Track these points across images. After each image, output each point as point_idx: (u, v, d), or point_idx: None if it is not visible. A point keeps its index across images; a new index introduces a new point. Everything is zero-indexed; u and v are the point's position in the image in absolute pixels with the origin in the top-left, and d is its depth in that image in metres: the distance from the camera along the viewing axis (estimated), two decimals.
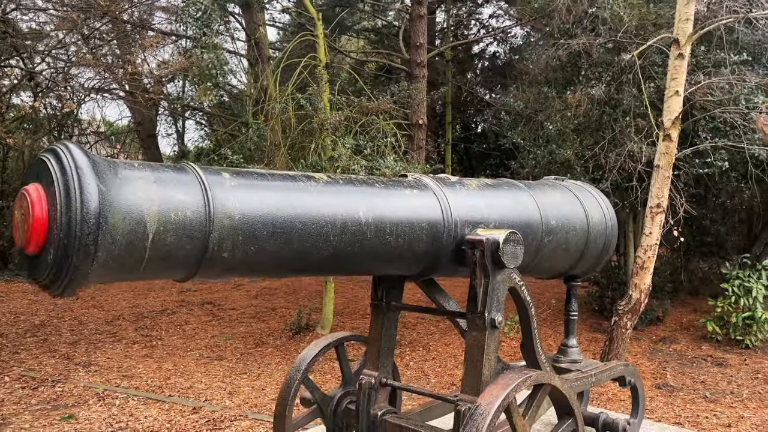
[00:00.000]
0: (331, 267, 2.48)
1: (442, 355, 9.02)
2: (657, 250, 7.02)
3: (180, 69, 12.09)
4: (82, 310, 11.71)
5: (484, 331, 2.66)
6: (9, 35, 9.05)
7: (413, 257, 2.67)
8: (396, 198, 2.62)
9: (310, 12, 9.17)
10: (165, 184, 1.89)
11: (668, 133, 6.48)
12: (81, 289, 1.99)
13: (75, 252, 1.64)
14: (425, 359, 8.85)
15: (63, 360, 8.46)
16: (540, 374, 2.55)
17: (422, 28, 12.66)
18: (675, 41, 6.31)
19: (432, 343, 9.65)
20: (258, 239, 2.07)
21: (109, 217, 1.69)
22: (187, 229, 1.88)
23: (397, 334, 3.18)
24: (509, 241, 2.68)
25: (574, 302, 3.80)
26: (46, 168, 1.72)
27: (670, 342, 9.27)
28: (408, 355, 8.99)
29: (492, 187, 3.16)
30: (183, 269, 1.98)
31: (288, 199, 2.20)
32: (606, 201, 3.71)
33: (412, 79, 12.13)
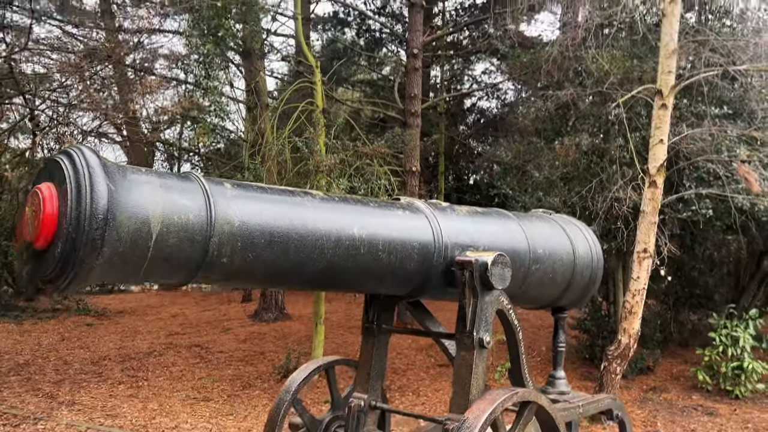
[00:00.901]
0: (324, 280, 2.56)
1: (432, 400, 8.93)
2: (645, 294, 7.10)
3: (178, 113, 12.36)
4: (67, 350, 11.56)
5: (473, 350, 2.73)
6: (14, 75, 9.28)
7: (404, 276, 2.75)
8: (389, 217, 2.72)
9: (309, 60, 9.48)
10: (170, 189, 1.99)
11: (654, 179, 6.67)
12: (83, 288, 2.05)
13: (82, 245, 1.72)
14: (415, 404, 8.76)
15: (46, 398, 8.32)
16: (527, 392, 2.61)
17: (417, 80, 13.07)
18: (658, 92, 6.58)
19: (422, 388, 9.56)
20: (256, 247, 2.16)
21: (116, 215, 1.78)
22: (188, 231, 1.97)
23: (387, 358, 3.23)
24: (497, 263, 2.77)
25: (561, 334, 3.86)
26: (59, 168, 1.82)
27: (660, 391, 9.23)
28: (398, 400, 8.90)
29: (481, 214, 3.28)
30: (182, 272, 2.05)
31: (286, 211, 2.30)
32: (592, 235, 3.83)
33: (406, 128, 12.43)
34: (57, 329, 13.64)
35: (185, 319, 15.75)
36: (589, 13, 7.75)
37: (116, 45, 14.00)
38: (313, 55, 11.32)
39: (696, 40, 7.26)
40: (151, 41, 16.24)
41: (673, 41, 6.48)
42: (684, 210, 7.66)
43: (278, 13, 17.79)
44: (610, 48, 8.09)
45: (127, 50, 14.59)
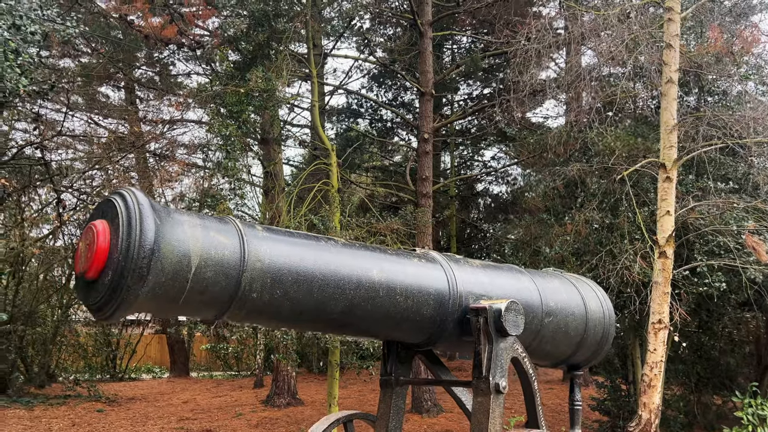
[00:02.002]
0: (345, 322, 2.68)
1: None
2: (663, 367, 7.03)
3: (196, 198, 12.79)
4: None
5: (489, 396, 2.79)
6: (45, 161, 9.79)
7: (421, 321, 2.87)
8: (406, 265, 2.88)
9: (325, 143, 9.93)
10: (208, 228, 2.18)
11: (663, 250, 6.79)
12: (126, 315, 2.20)
13: (130, 273, 1.90)
14: None
15: None
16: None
17: (428, 162, 13.50)
18: (662, 166, 6.83)
19: None
20: (283, 284, 2.32)
21: (161, 247, 1.97)
22: (224, 266, 2.14)
23: (404, 411, 3.28)
24: (510, 309, 2.89)
25: (577, 392, 3.88)
26: (113, 206, 2.03)
27: None
28: None
29: (494, 267, 3.42)
30: (217, 305, 2.20)
31: (310, 253, 2.47)
32: (603, 293, 3.93)
33: (418, 209, 12.75)
34: (68, 415, 13.48)
35: (196, 405, 15.50)
36: (592, 98, 8.17)
37: (139, 135, 14.74)
38: (328, 138, 11.85)
39: (696, 116, 7.59)
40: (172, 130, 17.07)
41: (672, 118, 6.80)
42: (698, 284, 7.70)
43: (295, 105, 18.73)
44: (614, 127, 8.45)
45: (149, 139, 15.31)
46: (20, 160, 10.72)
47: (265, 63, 8.93)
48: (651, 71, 8.32)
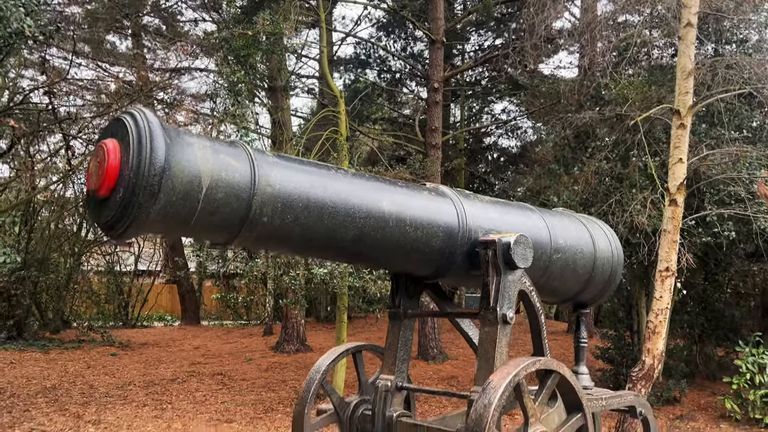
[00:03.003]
0: (355, 252, 2.70)
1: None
2: (668, 314, 7.08)
3: None
4: (93, 376, 11.70)
5: (496, 326, 2.82)
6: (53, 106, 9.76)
7: (430, 253, 2.88)
8: (416, 197, 2.88)
9: (334, 90, 9.81)
10: (219, 151, 2.18)
11: (674, 198, 6.75)
12: (138, 237, 2.22)
13: (141, 190, 1.91)
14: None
15: (73, 418, 8.44)
16: (550, 360, 2.69)
17: (437, 113, 13.36)
18: (676, 112, 6.72)
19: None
20: (294, 209, 2.32)
21: (171, 166, 1.97)
22: (234, 188, 2.15)
23: (412, 342, 3.33)
24: (519, 242, 2.90)
25: (584, 330, 3.92)
26: (123, 125, 2.03)
27: (688, 419, 9.06)
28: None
29: (504, 204, 3.42)
30: (227, 228, 2.21)
31: (321, 180, 2.47)
32: (612, 232, 3.93)
33: (426, 160, 12.68)
34: (82, 358, 13.83)
35: (207, 351, 15.85)
36: (608, 41, 7.98)
37: (146, 83, 14.61)
38: (336, 87, 11.71)
39: (714, 59, 7.42)
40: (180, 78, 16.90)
41: (690, 62, 6.65)
42: (706, 233, 7.68)
43: (302, 55, 18.46)
44: (628, 76, 8.30)
45: (156, 86, 15.19)
46: (28, 106, 10.69)
47: (272, 6, 8.75)
48: (669, 18, 8.11)
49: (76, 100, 16.01)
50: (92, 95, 17.17)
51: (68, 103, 13.77)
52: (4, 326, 15.16)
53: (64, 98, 14.06)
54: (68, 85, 14.29)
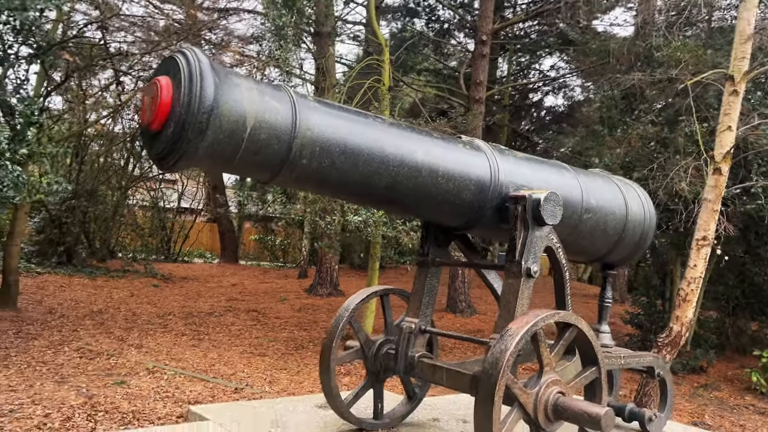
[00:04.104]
0: (389, 198, 2.81)
1: None
2: (701, 283, 7.05)
3: None
4: (136, 304, 12.30)
5: (520, 278, 2.91)
6: (105, 40, 9.97)
7: (461, 205, 2.97)
8: (451, 150, 2.95)
9: (379, 38, 9.76)
10: (264, 93, 2.29)
11: (719, 166, 6.62)
12: (188, 169, 2.38)
13: (191, 126, 2.04)
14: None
15: (117, 340, 8.96)
16: (569, 314, 2.78)
17: (483, 66, 13.16)
18: (730, 78, 6.52)
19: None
20: (331, 154, 2.43)
21: (220, 105, 2.09)
22: (277, 130, 2.26)
23: (437, 289, 3.47)
24: (549, 200, 2.96)
25: (609, 290, 3.99)
26: (176, 63, 2.14)
27: (712, 389, 9.09)
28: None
29: (539, 161, 3.47)
30: (268, 168, 2.34)
31: (359, 128, 2.57)
32: (647, 197, 3.94)
33: (469, 114, 12.57)
34: (126, 287, 14.49)
35: (244, 288, 16.40)
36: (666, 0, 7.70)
37: (195, 21, 14.71)
38: (382, 35, 11.58)
39: None
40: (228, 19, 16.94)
41: (749, 26, 6.40)
42: (749, 202, 7.52)
43: (350, 0, 18.23)
44: (684, 38, 8.02)
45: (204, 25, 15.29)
46: (81, 41, 10.94)
47: None
48: None
49: (127, 37, 16.25)
50: (143, 32, 17.39)
51: (119, 39, 14.02)
52: (55, 252, 15.94)
53: (115, 34, 14.30)
54: (120, 21, 14.51)
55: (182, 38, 13.75)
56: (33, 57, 8.68)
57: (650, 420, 3.95)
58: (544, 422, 2.63)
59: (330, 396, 3.37)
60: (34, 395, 5.99)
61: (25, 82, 8.37)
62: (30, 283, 13.08)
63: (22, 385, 6.34)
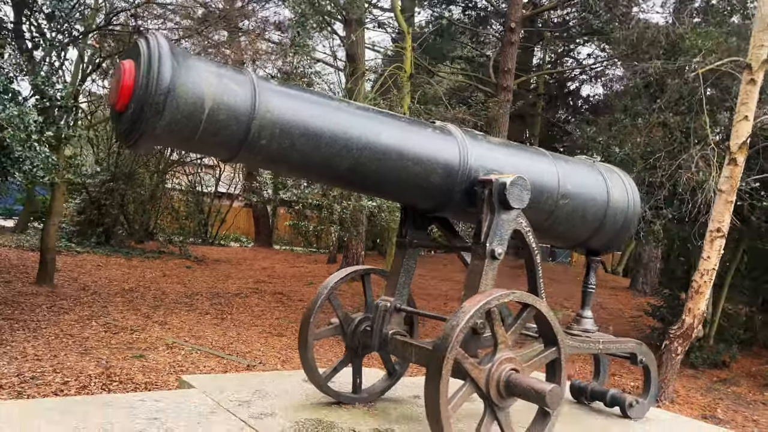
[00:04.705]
0: (353, 180, 2.93)
1: None
2: (714, 275, 6.95)
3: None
4: (166, 284, 12.75)
5: (485, 259, 3.00)
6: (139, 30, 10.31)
7: (429, 188, 3.06)
8: (419, 134, 3.04)
9: (401, 25, 9.82)
10: (223, 76, 2.43)
11: (734, 157, 6.50)
12: (149, 148, 2.55)
13: (149, 106, 2.20)
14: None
15: (143, 317, 9.35)
16: (525, 294, 2.86)
17: (512, 54, 13.06)
18: (748, 66, 6.37)
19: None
20: (291, 136, 2.56)
21: (177, 86, 2.24)
22: (235, 112, 2.40)
23: (415, 270, 3.57)
24: (516, 184, 3.02)
25: (592, 276, 4.01)
26: (137, 48, 2.31)
27: (730, 384, 8.94)
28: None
29: (515, 147, 3.52)
30: (228, 147, 2.49)
31: (322, 111, 2.68)
32: (632, 183, 3.95)
33: (496, 102, 12.51)
34: (160, 267, 15.02)
35: (273, 272, 16.78)
36: None
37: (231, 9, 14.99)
38: (413, 31, 11.60)
39: None
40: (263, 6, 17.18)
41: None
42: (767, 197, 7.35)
43: None
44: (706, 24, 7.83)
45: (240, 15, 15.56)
46: (115, 27, 11.33)
47: None
48: None
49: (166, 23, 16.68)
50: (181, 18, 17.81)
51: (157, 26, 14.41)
52: (94, 232, 16.61)
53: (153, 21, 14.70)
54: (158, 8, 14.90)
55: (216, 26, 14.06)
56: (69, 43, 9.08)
57: (631, 406, 3.99)
58: (497, 397, 2.72)
59: (308, 369, 3.53)
60: (57, 364, 6.36)
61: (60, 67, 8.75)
62: (69, 261, 13.69)
63: (48, 354, 6.73)
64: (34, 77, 6.88)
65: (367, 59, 16.83)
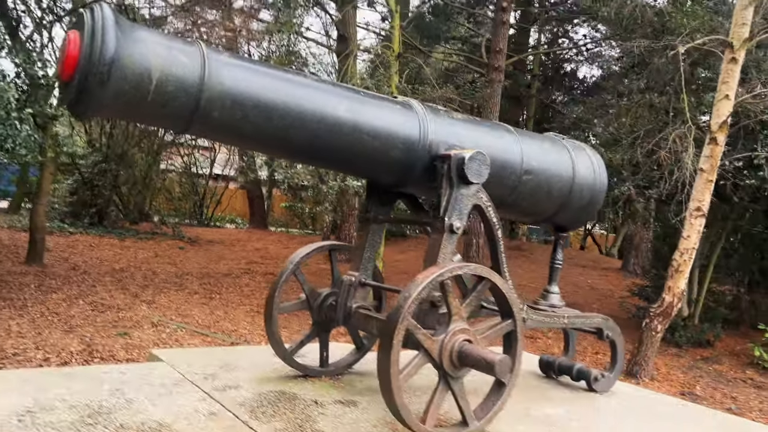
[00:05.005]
0: (310, 153, 2.95)
1: None
2: (694, 254, 6.98)
3: None
4: (157, 264, 12.80)
5: (443, 233, 3.02)
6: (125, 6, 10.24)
7: (389, 163, 3.07)
8: (379, 108, 3.04)
9: (390, 4, 9.75)
10: (173, 48, 2.43)
11: (714, 136, 6.50)
12: (97, 115, 2.56)
13: (93, 77, 2.21)
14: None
15: (131, 296, 9.41)
16: (479, 267, 2.89)
17: (504, 34, 12.94)
18: (729, 45, 6.35)
19: None
20: (243, 107, 2.57)
21: (121, 57, 2.25)
22: (184, 83, 2.41)
23: (379, 246, 3.60)
24: (475, 159, 3.04)
25: (560, 252, 4.05)
26: (82, 18, 2.31)
27: (712, 362, 9.02)
28: None
29: (478, 123, 3.53)
30: (179, 119, 2.50)
31: (275, 83, 2.69)
32: (599, 160, 3.96)
33: (487, 83, 12.45)
34: (153, 248, 15.06)
35: (266, 253, 16.83)
36: None
37: None
38: (410, 14, 11.48)
39: None
40: None
41: None
42: (753, 176, 7.34)
43: None
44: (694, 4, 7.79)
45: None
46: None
47: None
48: None
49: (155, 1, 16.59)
50: None
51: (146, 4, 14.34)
52: (87, 213, 16.62)
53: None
54: None
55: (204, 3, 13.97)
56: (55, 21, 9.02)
57: (596, 379, 4.05)
58: (450, 368, 2.76)
59: (273, 343, 3.58)
60: (40, 341, 6.42)
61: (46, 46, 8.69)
62: (62, 242, 13.73)
63: (32, 332, 6.79)
64: (15, 55, 6.85)
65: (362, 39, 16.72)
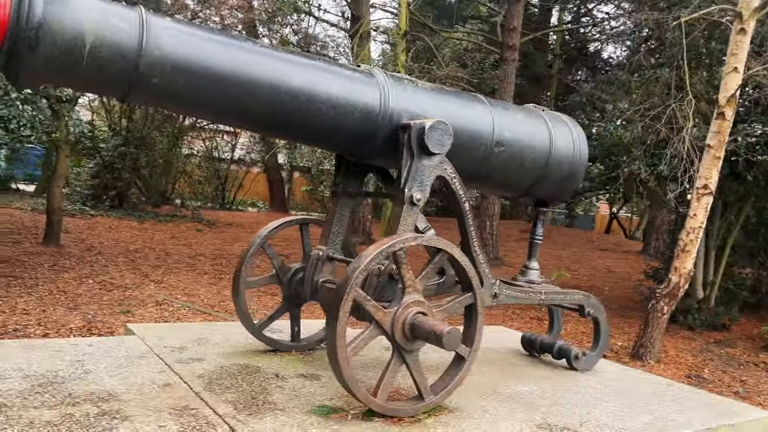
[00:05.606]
0: (265, 123, 2.90)
1: None
2: (700, 234, 6.77)
3: None
4: (172, 246, 12.95)
5: (404, 205, 2.95)
6: None
7: (348, 133, 3.00)
8: (337, 76, 2.96)
9: None
10: (109, 13, 2.39)
11: (722, 111, 6.25)
12: (31, 84, 2.54)
13: (21, 41, 2.18)
14: None
15: (141, 276, 9.53)
16: (435, 238, 2.81)
17: (518, 12, 12.68)
18: (738, 15, 6.08)
19: None
20: (185, 74, 2.51)
21: (50, 22, 2.22)
22: (120, 48, 2.37)
23: (348, 220, 3.55)
24: (436, 128, 2.95)
25: (540, 227, 3.95)
26: None
27: (725, 346, 8.78)
28: None
29: (446, 92, 3.43)
30: (117, 85, 2.46)
31: (221, 49, 2.63)
32: (580, 131, 3.83)
33: (501, 62, 12.22)
34: (170, 230, 15.25)
35: (283, 234, 16.81)
36: None
37: None
38: None
39: None
40: None
41: None
42: (767, 152, 7.06)
43: None
44: None
45: None
46: None
47: None
48: None
49: None
50: None
51: None
52: (108, 196, 16.89)
53: None
54: None
55: None
56: None
57: (576, 358, 3.96)
58: (402, 340, 2.71)
59: (242, 317, 3.57)
60: (43, 318, 6.54)
61: None
62: (81, 224, 13.98)
63: (37, 309, 6.92)
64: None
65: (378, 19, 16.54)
